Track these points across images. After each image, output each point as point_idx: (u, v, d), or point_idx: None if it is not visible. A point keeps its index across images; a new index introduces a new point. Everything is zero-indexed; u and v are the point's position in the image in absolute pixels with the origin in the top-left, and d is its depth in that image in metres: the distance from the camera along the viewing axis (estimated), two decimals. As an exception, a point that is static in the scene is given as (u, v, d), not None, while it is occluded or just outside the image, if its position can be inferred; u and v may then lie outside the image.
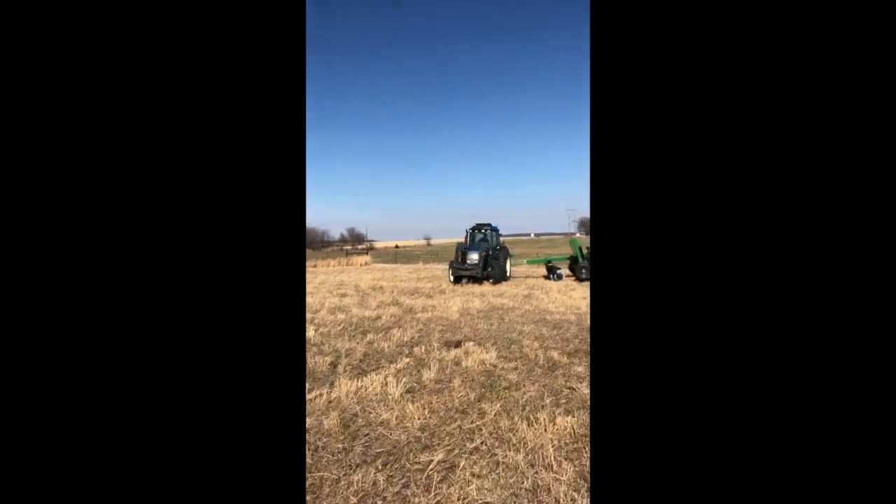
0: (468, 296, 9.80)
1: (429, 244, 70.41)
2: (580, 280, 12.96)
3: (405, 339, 5.52)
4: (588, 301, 8.69)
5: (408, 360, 4.53)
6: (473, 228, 14.32)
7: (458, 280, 12.93)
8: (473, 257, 12.94)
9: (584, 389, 3.62)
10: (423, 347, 4.99)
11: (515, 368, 4.21)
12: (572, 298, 9.24)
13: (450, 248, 15.25)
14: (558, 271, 13.64)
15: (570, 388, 3.67)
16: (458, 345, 5.07)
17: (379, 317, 7.20)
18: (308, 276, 17.47)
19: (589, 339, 5.34)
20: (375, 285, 13.01)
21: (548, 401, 3.37)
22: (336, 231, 70.29)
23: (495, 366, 4.28)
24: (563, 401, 3.38)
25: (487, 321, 6.64)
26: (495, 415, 3.11)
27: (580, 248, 13.96)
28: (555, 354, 4.61)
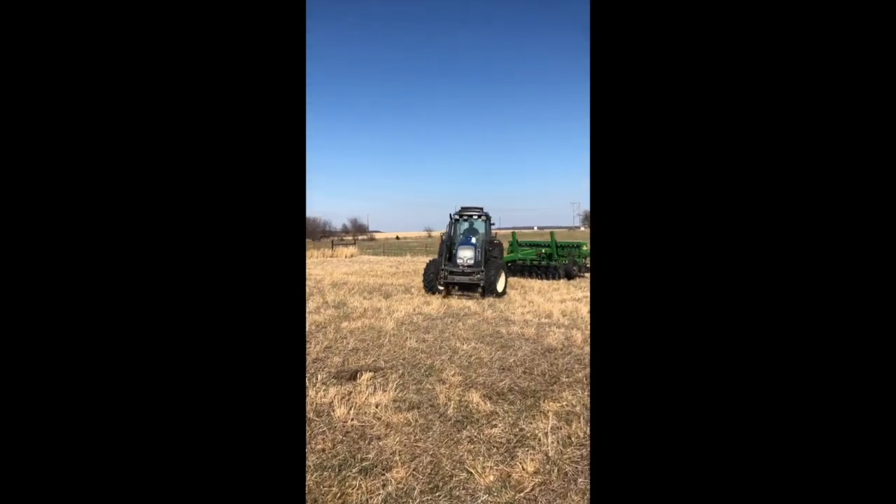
0: (430, 297, 8.41)
1: (429, 235, 69.04)
2: (570, 278, 11.47)
3: (296, 362, 4.16)
4: (564, 306, 7.27)
5: (262, 403, 3.16)
6: (459, 214, 9.20)
7: (432, 290, 8.35)
8: (467, 254, 8.22)
9: (489, 475, 2.24)
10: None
11: (406, 425, 2.83)
12: (550, 301, 7.83)
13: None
14: (560, 269, 11.72)
15: (467, 471, 2.29)
16: (353, 376, 3.70)
17: (299, 325, 5.85)
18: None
19: (538, 367, 3.94)
20: (341, 280, 11.65)
21: (411, 507, 2.00)
22: (338, 221, 68.83)
23: (379, 418, 2.91)
24: (442, 503, 2.01)
25: (423, 335, 5.24)
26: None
27: (556, 244, 12.38)
28: (475, 398, 3.21)
